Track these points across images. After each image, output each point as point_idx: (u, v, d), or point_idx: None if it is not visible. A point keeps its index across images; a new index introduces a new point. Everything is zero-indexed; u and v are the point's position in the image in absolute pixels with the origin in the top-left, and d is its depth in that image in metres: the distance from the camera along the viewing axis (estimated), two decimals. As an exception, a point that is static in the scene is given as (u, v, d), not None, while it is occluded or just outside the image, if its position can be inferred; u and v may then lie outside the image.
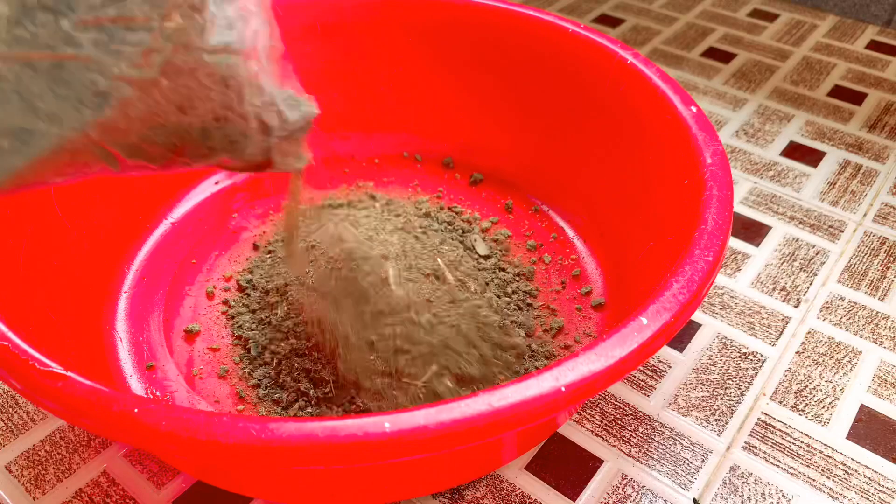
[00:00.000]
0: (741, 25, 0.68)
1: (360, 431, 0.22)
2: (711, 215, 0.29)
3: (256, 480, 0.29)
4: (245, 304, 0.39)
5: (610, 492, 0.33)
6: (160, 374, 0.36)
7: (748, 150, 0.53)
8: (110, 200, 0.40)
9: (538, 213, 0.45)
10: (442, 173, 0.48)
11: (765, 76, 0.61)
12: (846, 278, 0.43)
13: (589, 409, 0.36)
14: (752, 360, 0.39)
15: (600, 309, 0.39)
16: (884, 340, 0.40)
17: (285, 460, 0.22)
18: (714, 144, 0.33)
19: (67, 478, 0.33)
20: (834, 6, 0.69)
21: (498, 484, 0.33)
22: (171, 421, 0.22)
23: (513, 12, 0.43)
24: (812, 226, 0.47)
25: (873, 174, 0.51)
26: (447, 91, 0.47)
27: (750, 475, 0.34)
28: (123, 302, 0.39)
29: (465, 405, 0.22)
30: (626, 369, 0.24)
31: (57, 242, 0.36)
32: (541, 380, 0.23)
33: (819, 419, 0.36)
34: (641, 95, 0.37)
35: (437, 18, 0.45)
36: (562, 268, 0.42)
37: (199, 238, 0.43)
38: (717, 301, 0.42)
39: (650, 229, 0.36)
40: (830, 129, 0.55)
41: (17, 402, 0.36)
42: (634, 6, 0.71)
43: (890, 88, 0.59)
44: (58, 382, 0.23)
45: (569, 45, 0.41)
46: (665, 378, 0.38)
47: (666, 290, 0.26)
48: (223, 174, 0.47)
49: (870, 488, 0.33)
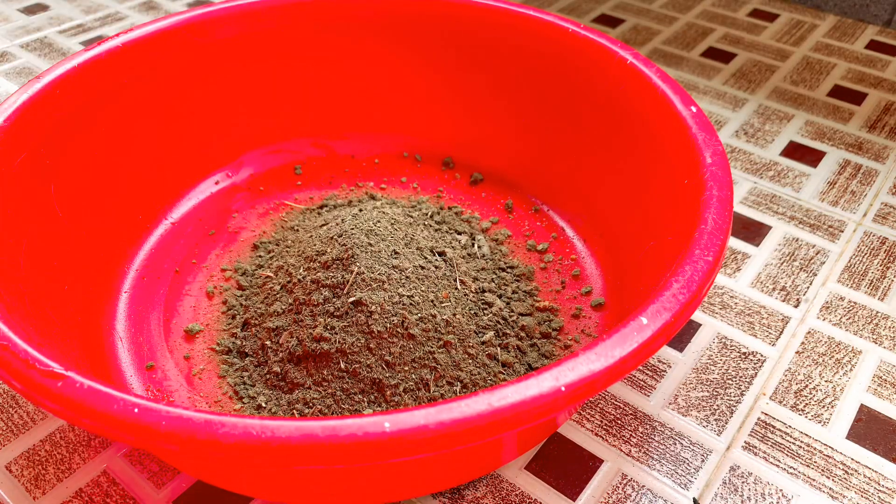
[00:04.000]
0: (741, 25, 0.68)
1: (360, 431, 0.22)
2: (711, 215, 0.29)
3: (256, 480, 0.29)
4: (245, 304, 0.39)
5: (610, 492, 0.33)
6: (160, 374, 0.36)
7: (748, 150, 0.53)
8: (110, 200, 0.40)
9: (538, 213, 0.45)
10: (442, 173, 0.48)
11: (765, 76, 0.61)
12: (846, 278, 0.43)
13: (589, 409, 0.36)
14: (751, 360, 0.39)
15: (600, 309, 0.39)
16: (884, 340, 0.40)
17: (285, 460, 0.22)
18: (714, 144, 0.33)
19: (67, 477, 0.33)
20: (834, 6, 0.69)
21: (498, 484, 0.33)
22: (171, 421, 0.22)
23: (513, 12, 0.43)
24: (812, 226, 0.47)
25: (873, 174, 0.51)
26: (447, 91, 0.47)
27: (750, 475, 0.34)
28: (123, 302, 0.39)
29: (465, 405, 0.22)
30: (626, 369, 0.24)
31: (57, 242, 0.36)
32: (541, 380, 0.23)
33: (819, 419, 0.36)
34: (641, 95, 0.37)
35: (436, 18, 0.45)
36: (562, 268, 0.42)
37: (199, 238, 0.43)
38: (716, 301, 0.42)
39: (650, 229, 0.36)
40: (830, 129, 0.55)
41: (17, 402, 0.36)
42: (634, 6, 0.71)
43: (890, 88, 0.59)
44: (58, 382, 0.23)
45: (569, 45, 0.41)
46: (665, 378, 0.38)
47: (666, 290, 0.26)
48: (223, 174, 0.47)
49: (870, 488, 0.33)
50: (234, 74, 0.45)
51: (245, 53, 0.45)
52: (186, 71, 0.43)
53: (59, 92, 0.37)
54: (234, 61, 0.45)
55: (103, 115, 0.40)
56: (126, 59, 0.40)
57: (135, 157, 0.42)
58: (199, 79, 0.44)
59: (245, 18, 0.44)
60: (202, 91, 0.44)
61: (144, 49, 0.41)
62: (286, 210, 0.46)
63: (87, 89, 0.38)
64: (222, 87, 0.45)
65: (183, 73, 0.43)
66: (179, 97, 0.43)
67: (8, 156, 0.34)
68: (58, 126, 0.37)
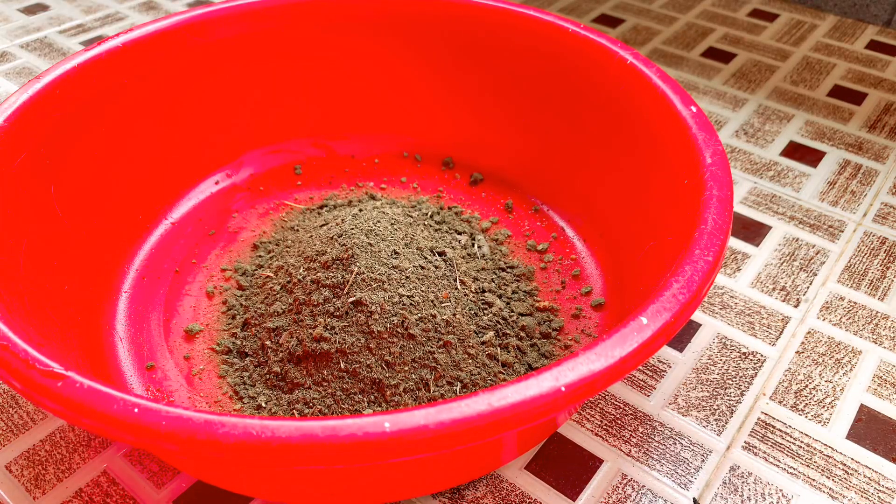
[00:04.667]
0: (741, 25, 0.68)
1: (360, 431, 0.22)
2: (711, 215, 0.29)
3: (256, 480, 0.29)
4: (245, 304, 0.39)
5: (610, 492, 0.33)
6: (160, 374, 0.36)
7: (748, 150, 0.53)
8: (110, 200, 0.40)
9: (538, 213, 0.45)
10: (442, 173, 0.48)
11: (765, 76, 0.61)
12: (846, 278, 0.43)
13: (589, 409, 0.36)
14: (751, 360, 0.39)
15: (600, 309, 0.39)
16: (884, 340, 0.40)
17: (285, 460, 0.22)
18: (714, 144, 0.33)
19: (67, 477, 0.33)
20: (834, 6, 0.69)
21: (498, 484, 0.33)
22: (171, 421, 0.22)
23: (513, 12, 0.43)
24: (812, 226, 0.47)
25: (873, 174, 0.51)
26: (447, 91, 0.47)
27: (750, 475, 0.34)
28: (123, 302, 0.39)
29: (465, 405, 0.22)
30: (626, 369, 0.24)
31: (57, 242, 0.36)
32: (541, 380, 0.23)
33: (819, 419, 0.36)
34: (641, 95, 0.37)
35: (437, 18, 0.45)
36: (562, 268, 0.42)
37: (199, 238, 0.43)
38: (716, 301, 0.42)
39: (650, 229, 0.36)
40: (830, 129, 0.55)
41: (17, 402, 0.36)
42: (634, 6, 0.71)
43: (890, 88, 0.59)
44: (58, 382, 0.23)
45: (569, 44, 0.41)
46: (665, 378, 0.38)
47: (666, 290, 0.26)
48: (223, 174, 0.47)
49: (870, 488, 0.33)
50: (234, 74, 0.45)
51: (245, 53, 0.45)
52: (186, 71, 0.43)
53: (59, 92, 0.37)
54: (234, 61, 0.45)
55: (103, 115, 0.40)
56: (126, 59, 0.40)
57: (135, 156, 0.42)
58: (200, 79, 0.44)
59: (245, 18, 0.44)
60: (202, 91, 0.44)
61: (145, 49, 0.41)
62: (286, 210, 0.46)
63: (88, 89, 0.38)
64: (222, 87, 0.45)
65: (183, 73, 0.43)
66: (179, 97, 0.43)
67: (8, 156, 0.34)
68: (58, 126, 0.37)
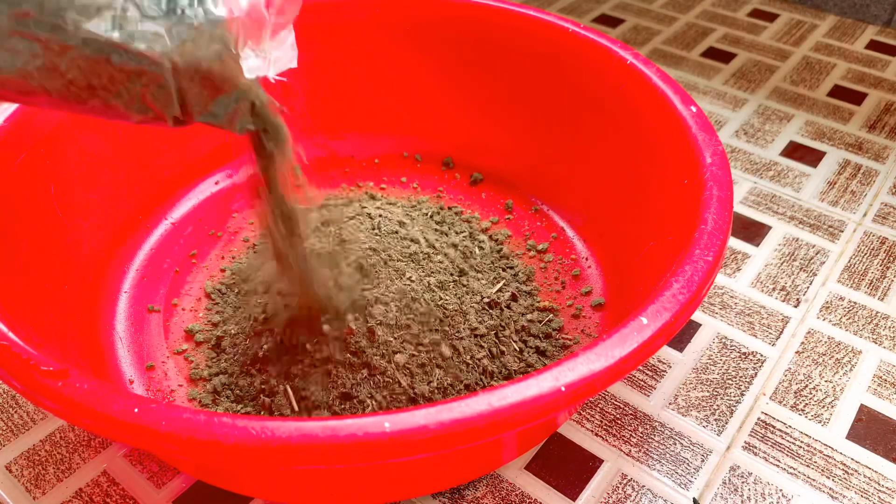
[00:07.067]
0: (741, 25, 0.68)
1: (360, 431, 0.22)
2: (711, 215, 0.29)
3: (256, 480, 0.29)
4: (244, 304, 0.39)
5: (610, 492, 0.33)
6: (160, 374, 0.36)
7: (748, 150, 0.53)
8: (110, 200, 0.40)
9: (538, 213, 0.45)
10: (442, 173, 0.48)
11: (765, 76, 0.61)
12: (846, 278, 0.43)
13: (589, 409, 0.36)
14: (751, 360, 0.39)
15: (600, 309, 0.39)
16: (883, 340, 0.40)
17: (285, 460, 0.22)
18: (714, 144, 0.33)
19: (67, 478, 0.33)
20: (834, 6, 0.69)
21: (498, 484, 0.33)
22: (171, 421, 0.22)
23: (513, 12, 0.43)
24: (812, 226, 0.47)
25: (873, 174, 0.51)
26: (447, 91, 0.47)
27: (750, 475, 0.34)
28: (123, 302, 0.39)
29: (465, 405, 0.22)
30: (626, 369, 0.24)
31: (57, 243, 0.36)
32: (541, 380, 0.23)
33: (819, 419, 0.36)
34: (641, 95, 0.37)
35: (437, 18, 0.45)
36: (562, 268, 0.42)
37: (199, 238, 0.43)
38: (716, 301, 0.42)
39: (650, 229, 0.36)
40: (830, 129, 0.55)
41: (17, 402, 0.36)
42: (634, 6, 0.71)
43: (890, 88, 0.59)
44: (58, 382, 0.23)
45: (569, 45, 0.41)
46: (665, 378, 0.38)
47: (666, 290, 0.26)
48: (223, 174, 0.47)
49: (869, 488, 0.33)
50: (234, 74, 0.45)
51: (245, 53, 0.45)
52: (186, 71, 0.43)
53: (59, 92, 0.37)
54: (234, 61, 0.45)
55: (103, 115, 0.40)
56: (126, 59, 0.40)
57: (135, 156, 0.42)
58: (199, 79, 0.44)
59: (245, 18, 0.44)
60: (202, 91, 0.44)
61: (144, 49, 0.41)
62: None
63: (87, 89, 0.38)
64: (222, 87, 0.45)
65: (183, 73, 0.43)
66: (179, 97, 0.43)
67: (8, 156, 0.34)
68: (58, 126, 0.37)
